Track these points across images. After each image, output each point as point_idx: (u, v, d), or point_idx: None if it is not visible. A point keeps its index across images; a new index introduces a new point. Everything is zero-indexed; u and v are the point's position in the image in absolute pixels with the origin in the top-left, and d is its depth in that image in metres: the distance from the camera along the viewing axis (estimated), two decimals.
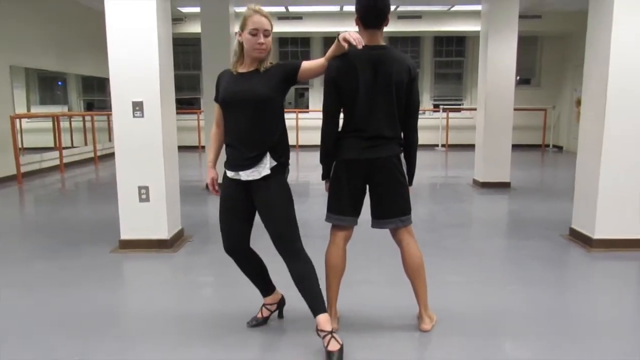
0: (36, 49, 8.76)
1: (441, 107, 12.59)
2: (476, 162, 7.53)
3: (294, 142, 12.01)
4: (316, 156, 2.77)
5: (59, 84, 10.42)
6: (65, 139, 9.30)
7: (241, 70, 2.51)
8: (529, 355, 2.53)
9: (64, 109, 10.21)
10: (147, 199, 4.15)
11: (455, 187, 7.60)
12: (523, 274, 3.74)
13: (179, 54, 3.67)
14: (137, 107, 4.04)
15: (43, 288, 3.47)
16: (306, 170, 8.88)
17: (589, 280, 3.75)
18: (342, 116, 2.63)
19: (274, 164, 2.46)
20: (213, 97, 2.66)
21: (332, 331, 2.43)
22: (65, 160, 9.00)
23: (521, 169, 8.66)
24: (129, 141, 4.11)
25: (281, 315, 2.88)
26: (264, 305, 2.82)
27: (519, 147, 11.72)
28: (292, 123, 12.10)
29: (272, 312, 2.84)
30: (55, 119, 8.93)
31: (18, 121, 7.94)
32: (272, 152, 2.45)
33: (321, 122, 2.64)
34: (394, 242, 2.76)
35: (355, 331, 2.73)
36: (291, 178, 2.58)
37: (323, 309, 2.47)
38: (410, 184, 2.71)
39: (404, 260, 2.71)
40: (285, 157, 2.53)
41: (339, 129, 2.64)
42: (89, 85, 11.20)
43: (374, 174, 2.60)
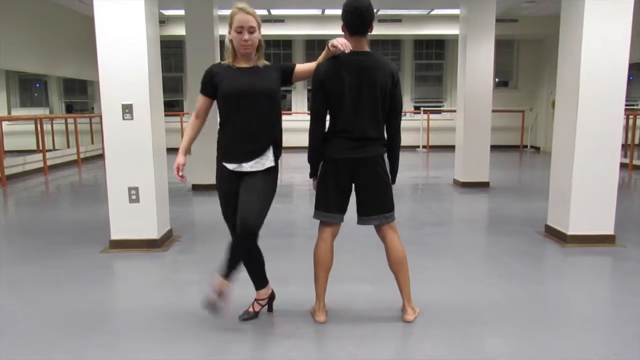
0: (18, 51, 8.72)
1: (422, 109, 12.81)
2: (456, 163, 7.71)
3: None
4: (299, 158, 2.89)
5: (37, 85, 10.36)
6: (47, 142, 9.25)
7: (239, 65, 2.63)
8: (506, 343, 2.67)
9: (45, 111, 10.16)
10: (137, 200, 4.23)
11: (436, 187, 7.79)
12: (500, 268, 3.91)
13: (162, 56, 3.72)
14: (127, 109, 4.12)
15: (33, 288, 3.52)
16: (290, 172, 8.97)
17: (563, 274, 3.93)
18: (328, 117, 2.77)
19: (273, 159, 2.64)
20: (198, 91, 2.69)
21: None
22: (48, 163, 8.96)
23: (500, 169, 8.89)
24: (118, 143, 4.17)
25: (271, 309, 2.99)
26: (255, 299, 2.93)
27: (498, 147, 11.98)
28: None
29: (263, 306, 2.95)
30: (38, 121, 8.89)
31: None
32: (274, 146, 2.63)
33: (308, 124, 2.76)
34: (379, 238, 2.90)
35: (342, 322, 2.86)
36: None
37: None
38: (393, 182, 2.87)
39: (388, 254, 2.85)
40: (280, 152, 2.70)
41: (326, 130, 2.77)
42: (69, 87, 11.15)
43: (359, 173, 2.74)
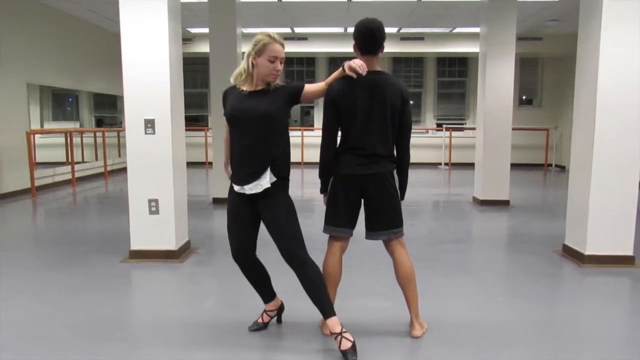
0: (51, 67, 9.11)
1: (444, 126, 12.80)
2: (476, 181, 7.67)
3: (298, 159, 12.24)
4: None
5: (70, 100, 10.73)
6: (76, 154, 9.57)
7: (247, 88, 2.68)
8: None
9: (75, 125, 10.51)
10: (157, 212, 4.35)
11: (455, 205, 7.76)
12: (515, 287, 3.88)
13: (188, 72, 3.85)
14: (149, 124, 4.26)
15: (56, 295, 3.66)
16: (311, 187, 9.02)
17: (579, 295, 3.88)
18: (340, 134, 2.84)
19: (274, 179, 2.62)
20: (222, 114, 2.83)
21: (341, 332, 2.61)
22: (76, 175, 9.26)
23: (522, 188, 8.81)
24: (140, 156, 4.32)
25: (280, 320, 3.05)
26: (264, 311, 2.99)
27: (522, 166, 11.90)
28: (298, 140, 12.35)
29: (272, 317, 3.01)
30: (68, 134, 9.22)
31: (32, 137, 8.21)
32: (272, 167, 2.62)
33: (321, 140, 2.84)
34: (387, 253, 2.94)
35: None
36: (296, 194, 2.76)
37: (332, 312, 2.64)
38: (402, 198, 2.90)
39: (396, 269, 2.88)
40: (285, 171, 2.70)
41: (337, 146, 2.84)
42: (99, 102, 11.52)
43: (368, 189, 2.78)
